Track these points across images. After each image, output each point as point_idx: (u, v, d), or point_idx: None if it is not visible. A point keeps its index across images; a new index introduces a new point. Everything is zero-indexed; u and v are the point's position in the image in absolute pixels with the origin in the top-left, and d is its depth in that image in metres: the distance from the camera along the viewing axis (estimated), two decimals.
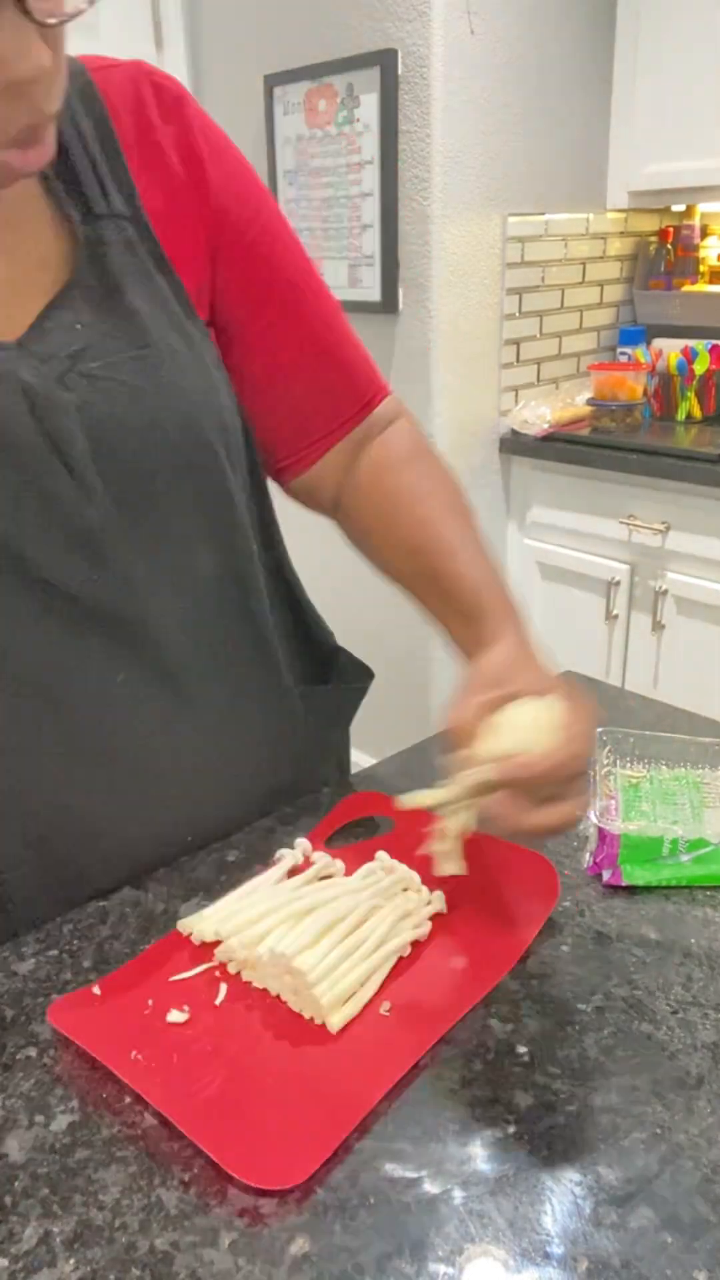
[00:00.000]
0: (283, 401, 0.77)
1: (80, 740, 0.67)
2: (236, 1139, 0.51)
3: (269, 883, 0.69)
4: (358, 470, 0.80)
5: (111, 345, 0.63)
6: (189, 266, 0.69)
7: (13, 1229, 0.48)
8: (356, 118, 2.12)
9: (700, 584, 2.06)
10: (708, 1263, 0.45)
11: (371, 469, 0.79)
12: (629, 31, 2.17)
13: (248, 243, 0.71)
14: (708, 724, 0.93)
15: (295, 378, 0.76)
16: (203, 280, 0.70)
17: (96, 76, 0.66)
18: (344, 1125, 0.52)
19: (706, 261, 2.46)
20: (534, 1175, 0.49)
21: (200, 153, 0.68)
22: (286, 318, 0.74)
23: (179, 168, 0.68)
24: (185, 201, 0.68)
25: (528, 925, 0.66)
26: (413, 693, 2.43)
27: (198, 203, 0.69)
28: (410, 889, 0.68)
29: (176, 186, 0.68)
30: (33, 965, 0.65)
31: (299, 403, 0.77)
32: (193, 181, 0.68)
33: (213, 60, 2.43)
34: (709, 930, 0.66)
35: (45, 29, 0.49)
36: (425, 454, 0.81)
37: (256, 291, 0.73)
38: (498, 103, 2.09)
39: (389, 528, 0.77)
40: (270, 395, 0.76)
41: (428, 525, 0.74)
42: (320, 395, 0.77)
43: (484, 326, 2.24)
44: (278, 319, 0.74)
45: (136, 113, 0.66)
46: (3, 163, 0.53)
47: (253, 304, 0.73)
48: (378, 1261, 0.46)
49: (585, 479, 2.19)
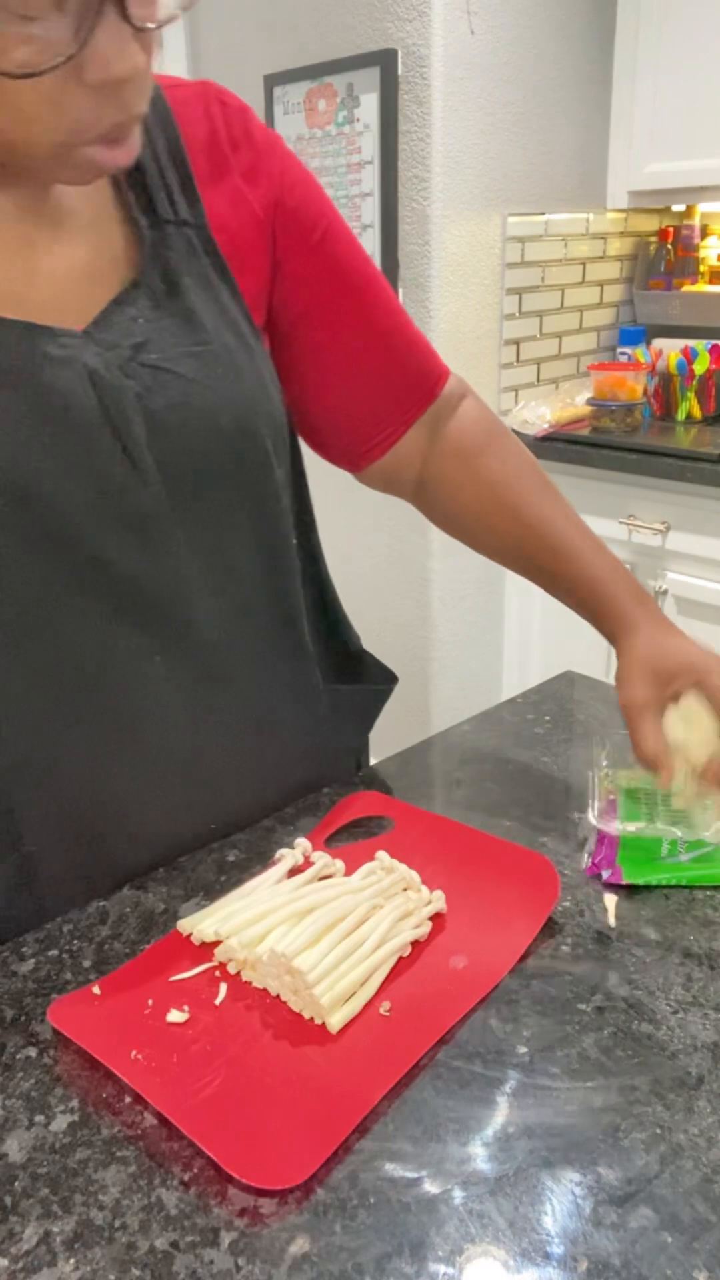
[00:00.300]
0: (354, 390, 0.81)
1: (111, 718, 0.68)
2: (236, 1139, 0.51)
3: (269, 883, 0.69)
4: (439, 455, 0.84)
5: (170, 340, 0.66)
6: (249, 272, 0.72)
7: (13, 1229, 0.48)
8: (356, 118, 2.12)
9: (700, 584, 2.06)
10: (708, 1263, 0.45)
11: (455, 456, 0.84)
12: (629, 31, 2.17)
13: (314, 245, 0.75)
14: None
15: (365, 365, 0.80)
16: (262, 285, 0.74)
17: (168, 94, 0.69)
18: (344, 1125, 0.52)
19: (706, 261, 2.46)
20: (534, 1175, 0.49)
21: (264, 164, 0.72)
22: (353, 310, 0.78)
23: (242, 179, 0.71)
24: (248, 210, 0.72)
25: (528, 925, 0.66)
26: (413, 693, 2.43)
27: (261, 211, 0.72)
28: (410, 889, 0.68)
29: (240, 196, 0.71)
30: (33, 965, 0.65)
31: (370, 389, 0.81)
32: (257, 191, 0.72)
33: (213, 60, 2.43)
34: (709, 930, 0.66)
35: (141, 33, 0.52)
36: (500, 433, 0.85)
37: (327, 292, 0.77)
38: (498, 103, 2.09)
39: (488, 521, 0.83)
40: (342, 385, 0.80)
41: (531, 524, 0.81)
42: (390, 381, 0.81)
43: (484, 326, 2.24)
44: (348, 314, 0.78)
45: (204, 127, 0.70)
46: (90, 158, 0.56)
47: (321, 300, 0.77)
48: (378, 1261, 0.46)
49: (585, 479, 2.19)
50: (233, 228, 0.71)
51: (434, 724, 2.40)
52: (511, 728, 0.94)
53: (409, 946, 0.64)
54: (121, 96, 0.53)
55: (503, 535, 0.83)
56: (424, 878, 0.69)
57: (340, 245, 0.77)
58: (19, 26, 0.48)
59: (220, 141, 0.71)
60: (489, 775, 0.86)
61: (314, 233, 0.75)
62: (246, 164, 0.72)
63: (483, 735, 0.93)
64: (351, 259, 0.78)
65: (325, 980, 0.58)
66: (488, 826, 0.78)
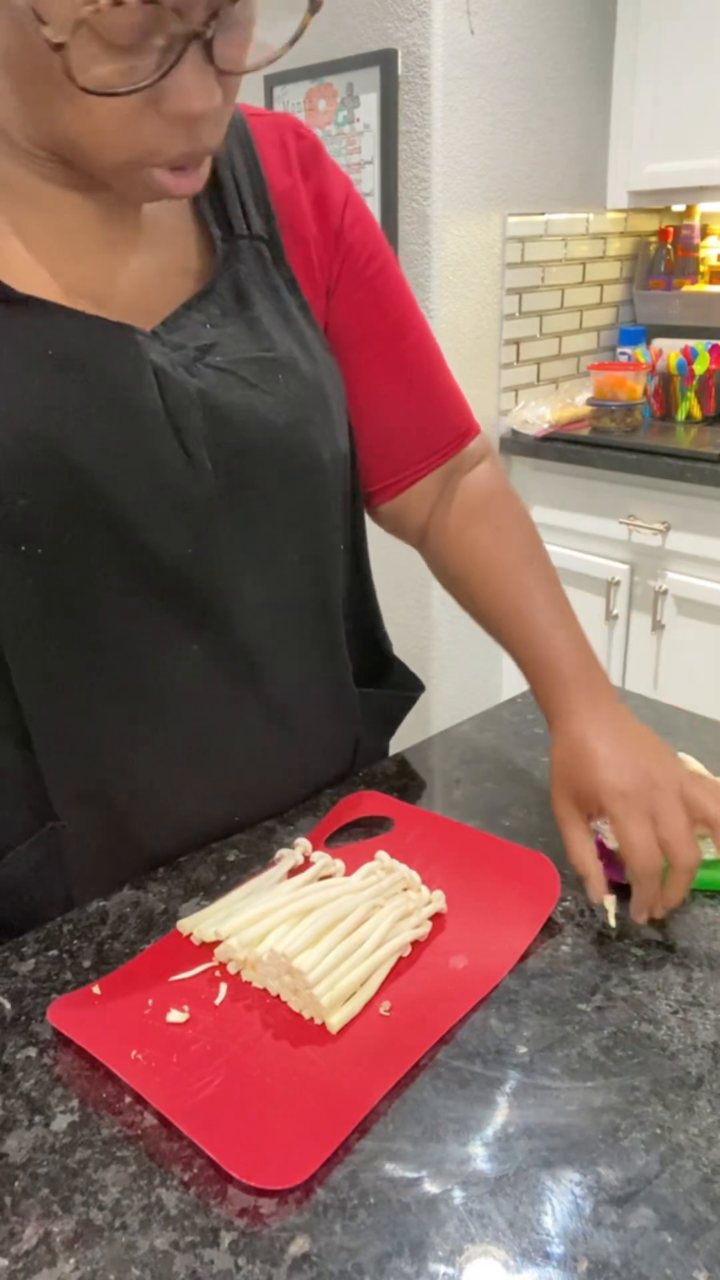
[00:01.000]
0: (380, 430, 0.82)
1: (147, 700, 0.70)
2: (237, 1139, 0.51)
3: (269, 883, 0.69)
4: (446, 511, 0.84)
5: (236, 346, 0.68)
6: (312, 294, 0.75)
7: (13, 1229, 0.48)
8: (356, 118, 2.12)
9: (700, 584, 2.06)
10: (708, 1263, 0.45)
11: (458, 513, 0.84)
12: (629, 31, 2.17)
13: (366, 279, 0.77)
14: (707, 724, 0.93)
15: (395, 408, 0.81)
16: (320, 309, 0.76)
17: (250, 121, 0.73)
18: (344, 1125, 0.52)
19: (706, 261, 2.46)
20: (534, 1175, 0.49)
21: (331, 197, 0.75)
22: (393, 351, 0.80)
23: (310, 207, 0.74)
24: (312, 238, 0.74)
25: (528, 925, 0.66)
26: None
27: (325, 240, 0.75)
28: (410, 889, 0.68)
29: (306, 224, 0.74)
30: (33, 965, 0.65)
31: (396, 433, 0.82)
32: (322, 221, 0.75)
33: None
34: (709, 930, 0.66)
35: (223, 74, 0.53)
36: (501, 500, 0.85)
37: (369, 324, 0.78)
38: (498, 103, 2.09)
39: (471, 586, 0.82)
40: (369, 423, 0.81)
41: (503, 595, 0.80)
42: (416, 428, 0.82)
43: (484, 326, 2.24)
44: (385, 351, 0.80)
45: (279, 154, 0.73)
46: (157, 181, 0.57)
47: (363, 336, 0.78)
48: (378, 1261, 0.46)
49: (585, 479, 2.19)
50: (302, 247, 0.73)
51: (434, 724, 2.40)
52: (511, 728, 0.94)
53: (409, 946, 0.64)
54: (195, 129, 0.55)
55: (476, 604, 0.82)
56: (424, 878, 0.69)
57: (390, 284, 0.79)
58: (105, 49, 0.49)
59: (293, 167, 0.74)
60: (489, 775, 0.86)
61: (368, 267, 0.77)
62: (316, 190, 0.75)
63: (483, 735, 0.93)
64: (398, 299, 0.80)
65: (325, 980, 0.58)
66: (488, 826, 0.78)
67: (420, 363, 0.82)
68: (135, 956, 0.64)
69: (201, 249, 0.70)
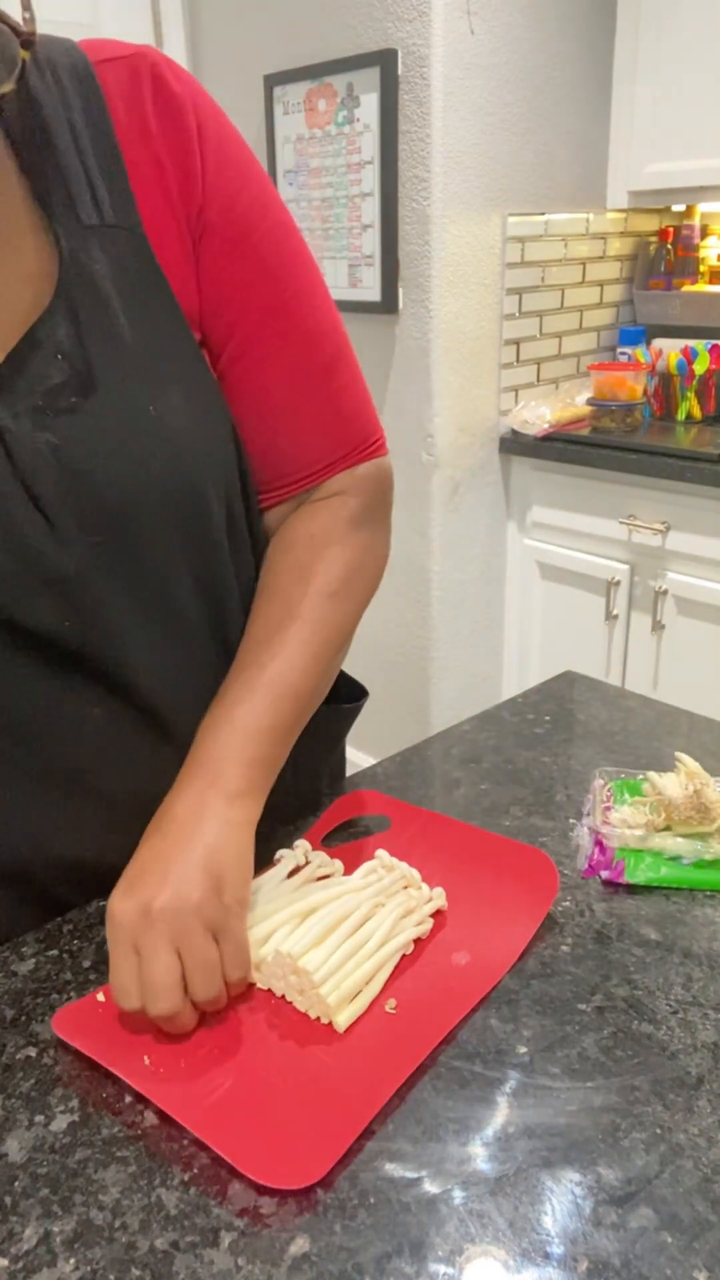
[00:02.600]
0: (258, 442, 0.70)
1: (55, 774, 0.65)
2: (252, 1141, 0.51)
3: (270, 883, 0.69)
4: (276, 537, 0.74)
5: (95, 377, 0.58)
6: (183, 285, 0.63)
7: (13, 1229, 0.48)
8: (356, 118, 2.12)
9: (700, 584, 2.06)
10: (708, 1263, 0.45)
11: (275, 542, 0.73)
12: (629, 31, 2.17)
13: (237, 256, 0.64)
14: (708, 724, 0.93)
15: (275, 415, 0.69)
16: (194, 300, 0.65)
17: (100, 70, 0.59)
18: (357, 1123, 0.52)
19: (706, 261, 2.46)
20: (534, 1175, 0.49)
21: (191, 151, 0.61)
22: (277, 348, 0.67)
23: (173, 171, 0.61)
24: (177, 214, 0.62)
25: (529, 919, 0.66)
26: (412, 693, 2.43)
27: (189, 214, 0.62)
28: (411, 886, 0.68)
29: (170, 197, 0.61)
30: (33, 965, 0.65)
31: (272, 442, 0.70)
32: (184, 187, 0.61)
33: (213, 60, 2.43)
34: (709, 930, 0.66)
35: None
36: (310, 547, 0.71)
37: (245, 313, 0.65)
38: (498, 103, 2.09)
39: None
40: (247, 432, 0.69)
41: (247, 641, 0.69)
42: (301, 446, 0.70)
43: (484, 326, 2.24)
44: (268, 348, 0.66)
45: (135, 110, 0.60)
46: None
47: (238, 326, 0.65)
48: (378, 1261, 0.46)
49: (585, 479, 2.19)
50: (162, 231, 0.61)
51: (434, 724, 2.40)
52: (511, 728, 0.94)
53: (412, 944, 0.64)
54: None
55: None
56: (423, 875, 0.69)
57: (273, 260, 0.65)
58: None
59: (149, 126, 0.60)
60: (489, 775, 0.86)
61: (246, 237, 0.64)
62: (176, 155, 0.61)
63: (483, 735, 0.93)
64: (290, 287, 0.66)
65: (331, 979, 0.58)
66: (487, 826, 0.78)
67: (309, 364, 0.68)
68: None
69: (45, 248, 0.58)
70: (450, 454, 2.25)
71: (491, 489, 2.36)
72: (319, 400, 0.69)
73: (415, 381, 2.20)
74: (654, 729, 0.92)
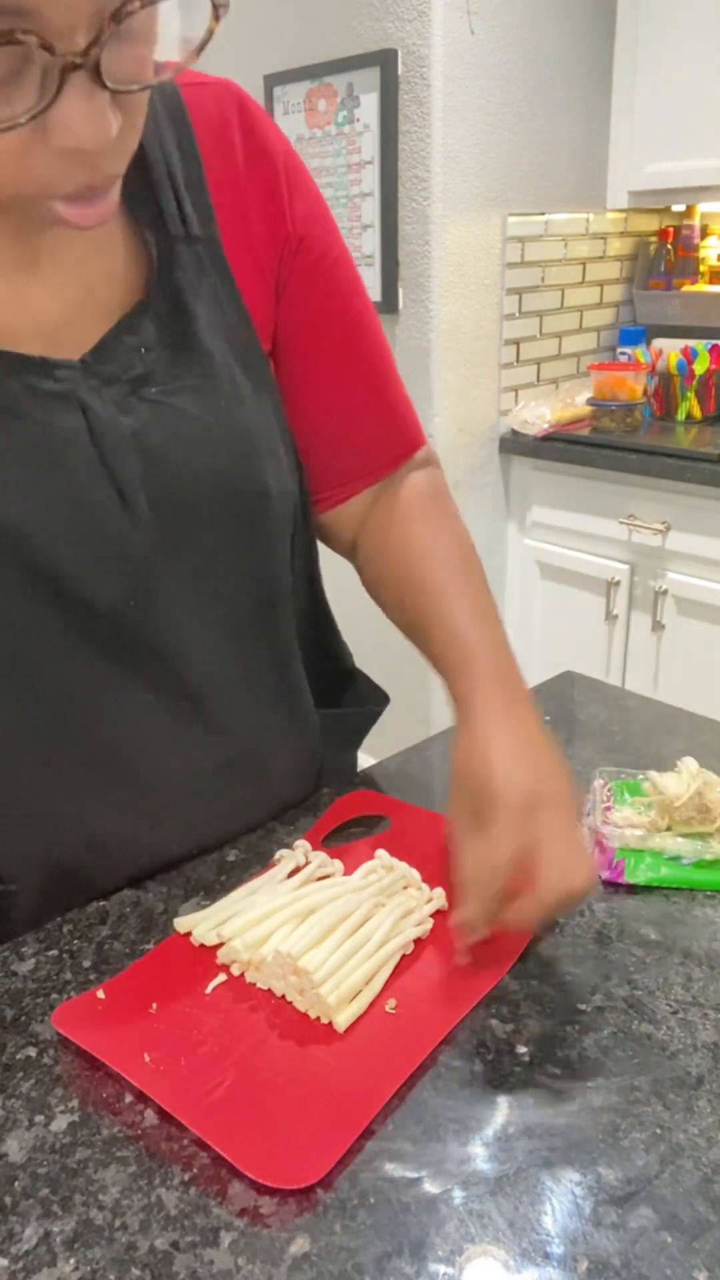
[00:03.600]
0: (325, 439, 0.77)
1: (96, 755, 0.67)
2: (252, 1140, 0.51)
3: (271, 883, 0.69)
4: (374, 516, 0.80)
5: (174, 373, 0.63)
6: (256, 298, 0.68)
7: (13, 1229, 0.48)
8: (356, 118, 2.12)
9: (700, 584, 2.06)
10: (708, 1263, 0.45)
11: (385, 517, 0.79)
12: (629, 31, 2.17)
13: (318, 279, 0.71)
14: (708, 724, 0.93)
15: (344, 418, 0.76)
16: (267, 313, 0.70)
17: (186, 93, 0.64)
18: (357, 1123, 0.52)
19: (706, 261, 2.46)
20: (534, 1175, 0.49)
21: (279, 183, 0.68)
22: (348, 359, 0.75)
23: (255, 196, 0.67)
24: (258, 232, 0.68)
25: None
26: (412, 693, 2.43)
27: (272, 234, 0.68)
28: (411, 886, 0.68)
29: (251, 216, 0.67)
30: (33, 965, 0.65)
31: (342, 443, 0.77)
32: (269, 212, 0.68)
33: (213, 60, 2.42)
34: (709, 930, 0.66)
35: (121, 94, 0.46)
36: (435, 504, 0.79)
37: (320, 329, 0.73)
38: (498, 103, 2.09)
39: (398, 583, 0.77)
40: (314, 430, 0.76)
41: (427, 592, 0.74)
42: (364, 439, 0.78)
43: (484, 326, 2.24)
44: (340, 359, 0.75)
45: (220, 135, 0.65)
46: (57, 214, 0.51)
47: (314, 340, 0.73)
48: (378, 1261, 0.46)
49: (585, 479, 2.19)
50: (241, 246, 0.67)
51: (434, 724, 2.40)
52: None
53: (412, 944, 0.64)
54: (91, 160, 0.48)
55: (402, 600, 0.77)
56: (423, 875, 0.69)
57: (344, 284, 0.73)
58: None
59: (236, 150, 0.66)
60: None
61: (320, 263, 0.71)
62: (260, 179, 0.67)
63: None
64: (351, 300, 0.74)
65: (331, 979, 0.58)
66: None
67: (374, 370, 0.76)
68: (136, 957, 0.64)
69: (132, 256, 0.63)
70: (450, 454, 2.25)
71: (491, 489, 2.36)
72: (384, 402, 0.78)
73: (415, 381, 2.20)
74: (654, 729, 0.92)
